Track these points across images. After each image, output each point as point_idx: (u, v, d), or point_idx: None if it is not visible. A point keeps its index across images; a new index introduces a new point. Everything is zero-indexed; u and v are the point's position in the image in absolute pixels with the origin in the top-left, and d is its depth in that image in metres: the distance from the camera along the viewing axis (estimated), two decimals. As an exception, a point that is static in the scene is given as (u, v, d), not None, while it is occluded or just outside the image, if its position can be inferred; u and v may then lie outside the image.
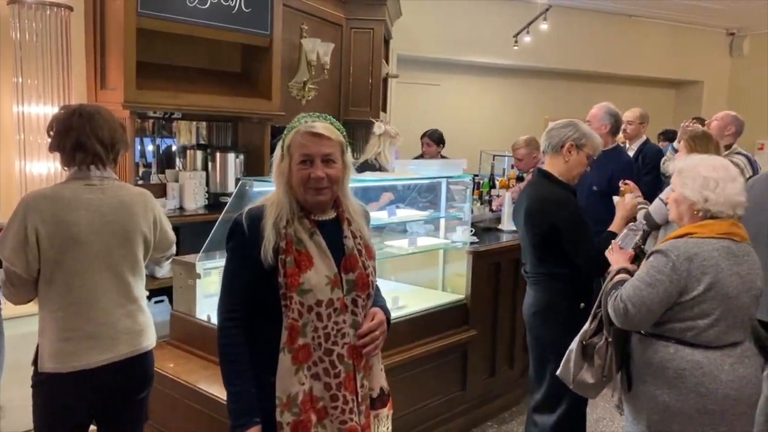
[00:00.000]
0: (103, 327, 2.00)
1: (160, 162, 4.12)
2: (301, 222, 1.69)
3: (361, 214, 1.80)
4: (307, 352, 1.65)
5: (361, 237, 1.77)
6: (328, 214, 1.75)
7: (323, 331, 1.66)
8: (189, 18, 3.61)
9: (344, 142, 1.73)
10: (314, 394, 1.66)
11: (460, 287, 3.48)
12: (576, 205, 2.62)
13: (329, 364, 1.67)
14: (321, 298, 1.65)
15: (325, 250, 1.68)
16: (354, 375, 1.69)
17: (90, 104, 2.10)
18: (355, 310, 1.71)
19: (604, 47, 8.30)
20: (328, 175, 1.67)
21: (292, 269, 1.64)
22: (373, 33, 5.42)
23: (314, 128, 1.66)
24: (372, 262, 1.78)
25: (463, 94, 8.24)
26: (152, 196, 2.17)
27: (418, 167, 3.66)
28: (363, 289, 1.72)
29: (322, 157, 1.66)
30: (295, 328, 1.64)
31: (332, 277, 1.67)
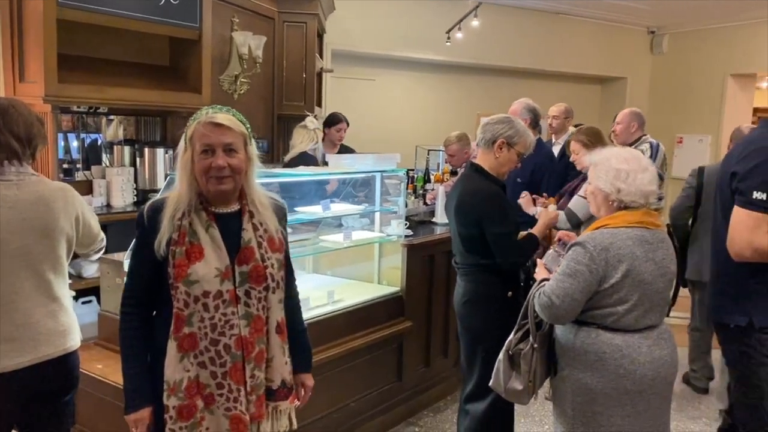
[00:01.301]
0: (22, 328, 1.94)
1: (85, 158, 3.97)
2: (198, 214, 1.73)
3: (268, 206, 1.81)
4: (193, 341, 1.70)
5: (266, 229, 1.78)
6: (230, 207, 1.77)
7: (210, 322, 1.70)
8: (114, 9, 3.50)
9: (247, 133, 1.75)
10: (201, 381, 1.72)
11: (396, 280, 3.53)
12: (503, 199, 2.69)
13: (215, 353, 1.71)
14: (208, 289, 1.69)
15: (219, 243, 1.72)
16: (243, 365, 1.73)
17: (3, 98, 2.00)
18: (248, 302, 1.74)
19: (532, 44, 8.52)
20: (229, 165, 1.69)
21: (181, 260, 1.69)
22: (307, 27, 5.39)
23: (215, 119, 1.70)
24: (277, 255, 1.79)
25: (398, 89, 8.29)
26: (74, 191, 2.09)
27: (353, 162, 3.67)
28: (258, 282, 1.75)
29: (223, 146, 1.69)
30: (180, 317, 1.70)
31: (223, 270, 1.70)
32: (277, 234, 1.80)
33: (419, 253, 3.55)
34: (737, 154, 2.26)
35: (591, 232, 2.14)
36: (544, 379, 2.28)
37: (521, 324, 2.27)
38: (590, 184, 2.23)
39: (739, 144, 2.35)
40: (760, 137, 2.24)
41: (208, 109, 1.74)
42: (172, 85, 3.99)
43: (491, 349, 2.59)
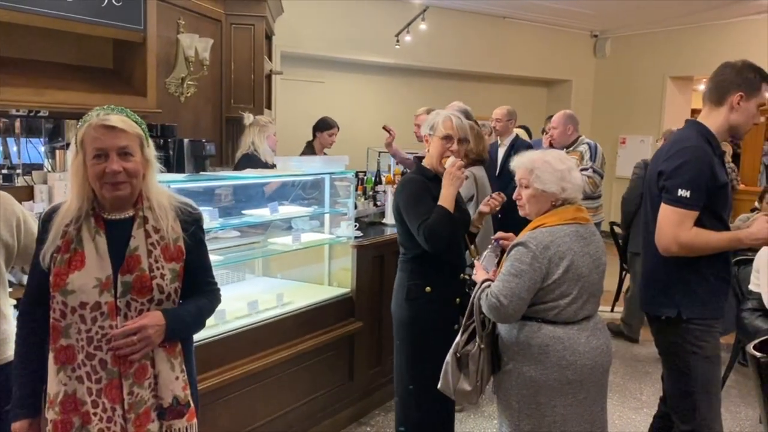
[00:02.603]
0: (-39, 338, 1.88)
1: (25, 163, 3.86)
2: (88, 221, 1.66)
3: (168, 212, 1.71)
4: (70, 354, 1.64)
5: (162, 237, 1.68)
6: (124, 213, 1.69)
7: (86, 335, 1.63)
8: (53, 11, 3.41)
9: (143, 135, 1.68)
10: (77, 397, 1.64)
11: (346, 281, 3.56)
12: (416, 185, 2.62)
13: (91, 368, 1.64)
14: (85, 300, 1.62)
15: (103, 252, 1.64)
16: (120, 383, 1.64)
17: None
18: (128, 314, 1.64)
19: (479, 47, 8.68)
20: (125, 169, 1.62)
21: (60, 269, 1.62)
22: (254, 29, 5.36)
23: (107, 121, 1.61)
24: (171, 265, 1.69)
25: (347, 91, 8.32)
26: (12, 198, 2.04)
27: (301, 164, 3.68)
28: (141, 293, 1.65)
29: (117, 150, 1.61)
30: (57, 328, 1.63)
31: (103, 280, 1.63)
32: (176, 242, 1.70)
33: (369, 254, 3.58)
34: (664, 153, 2.38)
35: (531, 231, 2.22)
36: (490, 376, 2.34)
37: (467, 325, 2.32)
38: (528, 188, 2.28)
39: (666, 143, 2.48)
40: (685, 137, 2.37)
41: (99, 111, 1.65)
42: (116, 88, 3.91)
43: (407, 341, 2.69)
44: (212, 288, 1.86)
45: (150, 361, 1.67)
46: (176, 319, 1.69)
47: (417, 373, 2.66)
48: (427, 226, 2.49)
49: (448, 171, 2.57)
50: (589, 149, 4.57)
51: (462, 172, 2.58)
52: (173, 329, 1.68)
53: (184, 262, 1.71)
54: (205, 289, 1.82)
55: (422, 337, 2.64)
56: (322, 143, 5.13)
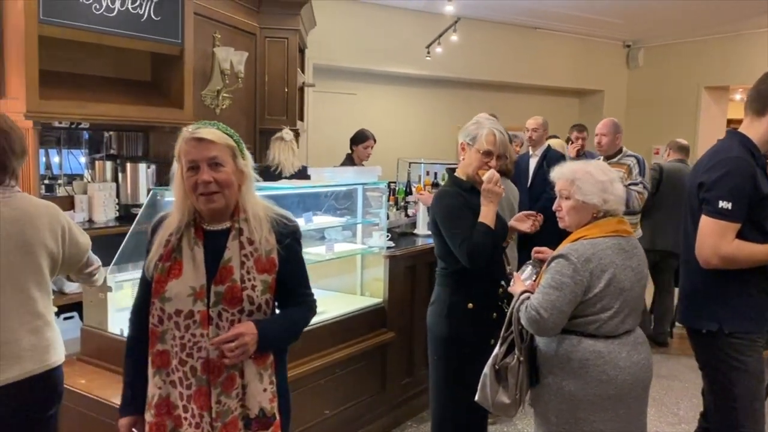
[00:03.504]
0: (7, 345, 1.93)
1: (67, 174, 3.97)
2: (188, 231, 1.72)
3: (264, 223, 1.73)
4: (166, 359, 1.70)
5: (255, 248, 1.70)
6: (221, 224, 1.73)
7: (180, 341, 1.68)
8: (95, 26, 3.51)
9: (235, 146, 1.71)
10: (171, 401, 1.70)
11: (378, 291, 3.56)
12: (453, 198, 2.57)
13: (183, 374, 1.69)
14: (180, 308, 1.67)
15: (199, 262, 1.69)
16: (208, 390, 1.67)
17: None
18: (220, 324, 1.67)
19: (511, 58, 8.66)
20: (216, 180, 1.66)
21: (160, 276, 1.69)
22: (288, 42, 5.44)
23: (197, 133, 1.66)
24: (263, 276, 1.70)
25: (379, 103, 8.37)
26: (58, 208, 2.09)
27: (334, 175, 3.71)
28: (232, 303, 1.67)
29: (207, 161, 1.66)
30: (154, 333, 1.71)
31: (197, 289, 1.67)
32: (269, 254, 1.71)
33: (401, 264, 3.59)
34: (704, 165, 2.34)
35: (571, 243, 2.19)
36: (528, 389, 2.30)
37: (504, 337, 2.29)
38: (568, 199, 2.25)
39: (706, 154, 2.43)
40: (726, 147, 2.33)
41: (194, 125, 1.70)
42: (154, 101, 4.01)
43: (446, 356, 2.64)
44: (307, 299, 1.86)
45: (239, 371, 1.69)
46: (268, 329, 1.70)
47: (454, 387, 2.63)
48: (470, 244, 2.46)
49: (486, 187, 2.52)
50: (638, 163, 4.43)
51: (501, 187, 2.54)
52: (265, 340, 1.68)
53: (277, 274, 1.72)
54: (299, 301, 1.83)
55: (462, 353, 2.60)
56: (359, 156, 5.17)
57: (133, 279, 2.90)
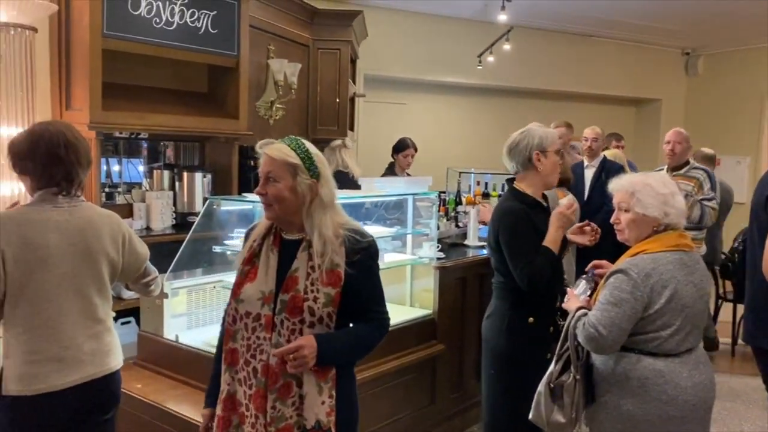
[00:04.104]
0: (68, 349, 1.99)
1: (126, 182, 4.10)
2: (269, 239, 1.82)
3: (331, 239, 1.74)
4: (235, 357, 1.79)
5: (323, 261, 1.73)
6: (295, 234, 1.81)
7: (247, 342, 1.77)
8: (155, 39, 3.63)
9: (296, 164, 1.74)
10: (236, 398, 1.78)
11: (428, 302, 3.53)
12: (519, 217, 2.53)
13: (247, 374, 1.77)
14: (250, 310, 1.76)
15: (272, 268, 1.77)
16: (265, 393, 1.72)
17: (62, 125, 2.06)
18: (281, 331, 1.72)
19: (565, 66, 8.51)
20: (267, 193, 1.75)
21: (239, 278, 1.81)
22: (340, 53, 5.50)
23: (262, 148, 1.78)
24: (327, 289, 1.73)
25: (429, 112, 8.36)
26: (119, 217, 2.16)
27: (384, 185, 3.71)
28: (293, 313, 1.72)
29: (265, 175, 1.76)
30: (228, 331, 1.81)
31: (266, 294, 1.75)
32: (335, 268, 1.73)
33: (451, 276, 3.55)
34: None
35: (631, 258, 2.12)
36: (584, 407, 2.24)
37: (560, 354, 2.23)
38: (627, 211, 2.18)
39: None
40: None
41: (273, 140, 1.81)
42: (210, 112, 4.10)
43: (503, 371, 2.61)
44: (379, 317, 1.86)
45: (296, 380, 1.72)
46: (328, 344, 1.72)
47: (511, 403, 2.58)
48: (532, 269, 2.43)
49: (561, 212, 2.49)
50: (708, 178, 4.26)
51: (576, 215, 2.53)
52: (324, 354, 1.70)
53: (342, 288, 1.74)
54: (370, 317, 1.84)
55: (521, 368, 2.55)
56: (400, 164, 5.15)
57: (189, 286, 2.98)
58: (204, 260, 2.98)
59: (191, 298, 3.01)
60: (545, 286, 2.50)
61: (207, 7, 3.86)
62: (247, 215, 2.86)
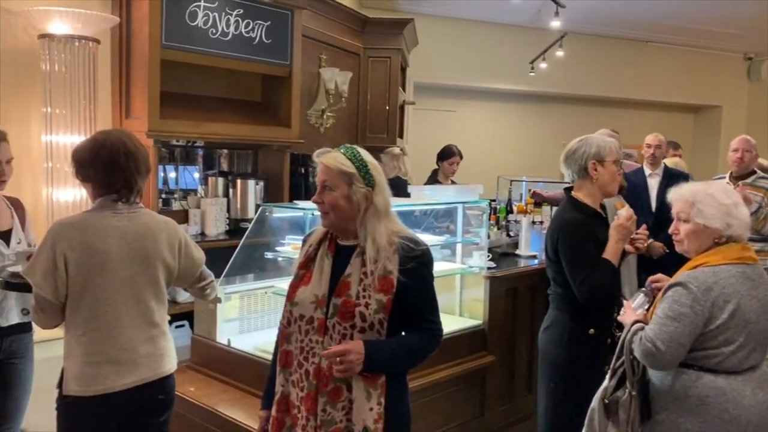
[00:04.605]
0: (125, 352, 2.03)
1: (182, 188, 4.20)
2: (324, 244, 1.86)
3: (385, 246, 1.76)
4: (289, 359, 1.82)
5: (376, 268, 1.74)
6: (349, 241, 1.83)
7: (300, 344, 1.80)
8: (211, 49, 3.71)
9: (352, 172, 1.76)
10: (290, 399, 1.81)
11: (478, 312, 3.48)
12: (578, 228, 2.50)
13: (299, 376, 1.80)
14: (304, 313, 1.79)
15: (326, 273, 1.80)
16: (316, 396, 1.74)
17: (123, 133, 2.12)
18: (333, 335, 1.75)
19: (620, 72, 8.34)
20: (323, 201, 1.79)
21: (295, 282, 1.85)
22: (390, 61, 5.52)
23: (318, 157, 1.82)
24: (379, 296, 1.73)
25: (479, 119, 8.30)
26: (175, 223, 2.21)
27: (434, 192, 3.69)
28: (344, 317, 1.73)
29: (321, 183, 1.80)
30: (283, 333, 1.85)
31: (319, 297, 1.78)
32: (387, 275, 1.74)
33: (502, 286, 3.49)
34: None
35: (691, 271, 2.05)
36: (640, 425, 2.16)
37: (615, 369, 2.16)
38: (687, 222, 2.11)
39: None
40: None
41: (329, 149, 1.84)
42: (263, 120, 4.17)
43: (563, 384, 2.56)
44: (430, 327, 1.85)
45: (346, 385, 1.74)
46: (376, 351, 1.72)
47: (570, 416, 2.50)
48: (592, 282, 2.40)
49: (621, 224, 2.46)
50: None
51: (635, 225, 2.48)
52: (371, 361, 1.70)
53: (393, 296, 1.74)
54: (422, 327, 1.83)
55: (583, 380, 2.48)
56: (444, 172, 5.09)
57: (241, 291, 3.02)
58: (256, 266, 3.03)
59: (243, 303, 3.06)
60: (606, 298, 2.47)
61: (261, 17, 3.93)
62: (299, 222, 2.88)
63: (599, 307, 2.51)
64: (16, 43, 3.33)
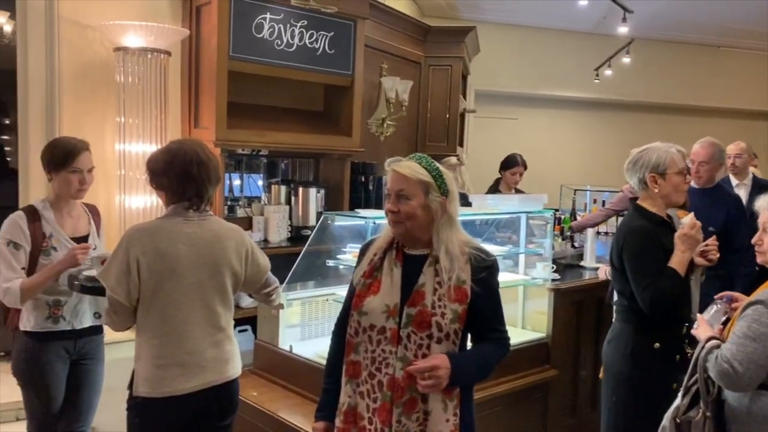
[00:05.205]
0: (192, 355, 2.08)
1: (246, 196, 4.29)
2: (391, 252, 1.83)
3: (458, 256, 1.76)
4: (357, 369, 1.79)
5: (449, 277, 1.74)
6: (419, 250, 1.81)
7: (371, 355, 1.77)
8: (277, 60, 3.79)
9: (429, 182, 1.76)
10: (358, 411, 1.77)
11: (541, 325, 3.41)
12: (645, 236, 2.42)
13: (371, 387, 1.76)
14: (374, 323, 1.76)
15: (396, 282, 1.78)
16: (391, 407, 1.72)
17: (196, 143, 2.18)
18: (408, 345, 1.73)
19: (690, 79, 8.05)
20: (400, 210, 1.76)
21: (361, 291, 1.81)
22: (451, 69, 5.50)
23: (393, 166, 1.79)
24: (454, 306, 1.73)
25: (541, 127, 8.17)
26: (244, 232, 2.24)
27: (496, 202, 3.64)
28: (420, 327, 1.72)
29: (396, 192, 1.77)
30: (350, 343, 1.81)
31: (391, 307, 1.75)
32: (461, 284, 1.74)
33: (567, 299, 3.40)
34: None
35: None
36: None
37: (688, 387, 2.07)
38: None
39: None
40: None
41: (401, 158, 1.83)
42: (325, 129, 4.22)
43: (626, 399, 2.46)
44: (500, 336, 1.86)
45: (421, 396, 1.72)
46: (460, 365, 1.72)
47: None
48: (655, 290, 2.32)
49: (688, 233, 2.36)
50: None
51: (701, 234, 2.38)
52: (456, 375, 1.70)
53: (467, 306, 1.75)
54: (491, 337, 1.84)
55: (645, 396, 2.41)
56: (506, 182, 4.98)
57: (302, 298, 3.06)
58: (317, 273, 3.05)
59: (305, 310, 3.08)
60: (670, 310, 2.36)
61: (325, 28, 3.98)
62: (360, 231, 2.89)
63: (665, 319, 2.41)
64: (93, 56, 3.49)
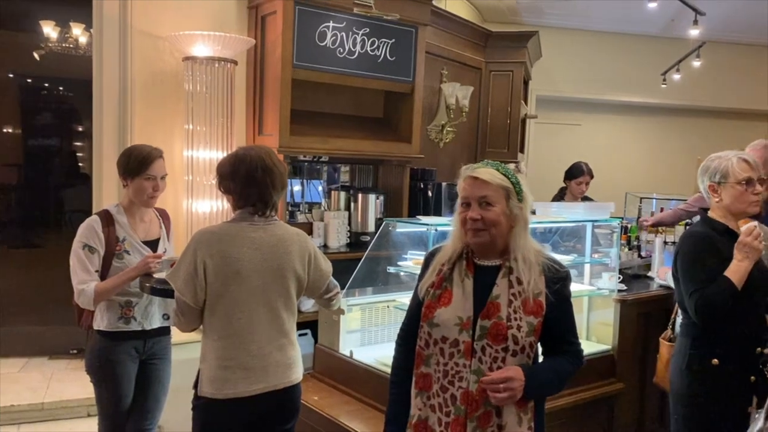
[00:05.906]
0: (255, 359, 2.10)
1: (307, 202, 4.35)
2: (461, 263, 1.78)
3: (534, 266, 1.72)
4: (428, 382, 1.75)
5: (525, 289, 1.70)
6: (491, 260, 1.77)
7: (443, 368, 1.72)
8: (339, 68, 3.83)
9: (509, 187, 1.72)
10: (428, 424, 1.73)
11: (606, 337, 3.30)
12: (700, 242, 2.32)
13: (443, 400, 1.72)
14: (446, 335, 1.72)
15: (468, 294, 1.72)
16: (464, 421, 1.68)
17: (263, 150, 2.21)
18: (482, 358, 1.68)
19: (763, 83, 7.68)
20: (483, 217, 1.70)
21: (431, 302, 1.76)
22: (513, 75, 5.42)
23: (473, 173, 1.74)
24: (529, 318, 1.69)
25: (605, 133, 7.96)
26: (307, 236, 2.27)
27: (561, 210, 3.56)
28: (496, 340, 1.68)
29: (478, 199, 1.72)
30: (420, 355, 1.77)
31: (464, 320, 1.71)
32: (537, 296, 1.70)
33: (633, 310, 3.29)
34: None
35: None
36: None
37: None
38: None
39: None
40: None
41: (475, 164, 1.79)
42: (384, 136, 4.23)
43: (687, 415, 2.36)
44: (573, 348, 1.82)
45: (495, 409, 1.69)
46: (535, 378, 1.69)
47: None
48: (701, 296, 2.21)
49: (744, 241, 2.23)
50: None
51: (761, 242, 2.23)
52: (530, 387, 1.67)
53: (543, 318, 1.71)
54: (565, 349, 1.80)
55: (705, 415, 2.30)
56: (572, 192, 4.83)
57: (363, 304, 3.06)
58: (378, 279, 3.05)
59: (365, 316, 3.09)
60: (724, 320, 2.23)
61: (387, 35, 4.00)
62: (422, 238, 2.88)
63: (725, 335, 2.27)
64: (163, 65, 3.61)
